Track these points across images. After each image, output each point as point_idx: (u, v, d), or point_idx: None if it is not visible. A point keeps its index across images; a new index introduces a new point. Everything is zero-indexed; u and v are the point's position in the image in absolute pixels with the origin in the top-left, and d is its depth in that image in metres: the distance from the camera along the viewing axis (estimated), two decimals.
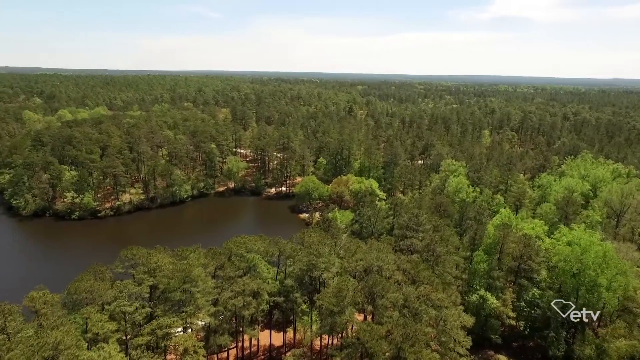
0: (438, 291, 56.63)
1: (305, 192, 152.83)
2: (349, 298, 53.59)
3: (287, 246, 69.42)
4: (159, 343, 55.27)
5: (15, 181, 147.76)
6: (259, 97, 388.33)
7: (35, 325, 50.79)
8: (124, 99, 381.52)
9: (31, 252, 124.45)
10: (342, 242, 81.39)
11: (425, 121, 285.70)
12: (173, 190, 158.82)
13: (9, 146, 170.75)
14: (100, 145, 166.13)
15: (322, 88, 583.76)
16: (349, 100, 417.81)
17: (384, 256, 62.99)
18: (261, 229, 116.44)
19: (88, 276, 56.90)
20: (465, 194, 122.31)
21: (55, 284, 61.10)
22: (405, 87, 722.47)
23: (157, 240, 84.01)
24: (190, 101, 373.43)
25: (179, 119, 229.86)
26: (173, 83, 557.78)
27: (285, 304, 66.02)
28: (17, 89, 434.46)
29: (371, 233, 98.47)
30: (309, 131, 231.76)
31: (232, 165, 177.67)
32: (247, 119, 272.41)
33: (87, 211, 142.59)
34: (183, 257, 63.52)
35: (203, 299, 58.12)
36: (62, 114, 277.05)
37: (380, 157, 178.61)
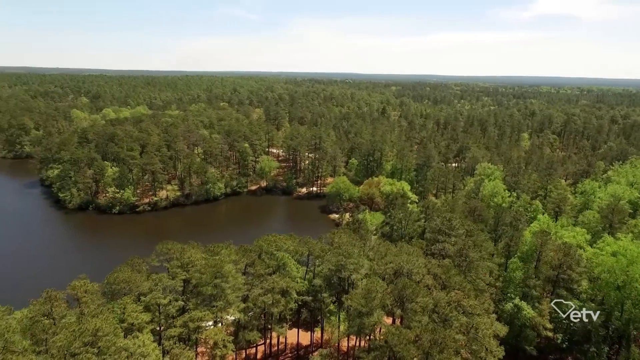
0: (470, 298, 55.05)
1: (336, 192, 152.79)
2: (378, 300, 53.09)
3: (317, 246, 69.66)
4: (190, 335, 56.96)
5: (62, 176, 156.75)
6: (293, 98, 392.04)
7: (78, 312, 53.71)
8: (163, 98, 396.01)
9: (75, 243, 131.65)
10: (371, 243, 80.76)
11: (461, 123, 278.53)
12: (207, 188, 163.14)
13: (58, 143, 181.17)
14: (140, 142, 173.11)
15: (355, 89, 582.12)
16: (383, 101, 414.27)
17: (414, 259, 61.95)
18: (291, 228, 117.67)
19: (126, 268, 59.46)
20: (501, 198, 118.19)
21: (95, 273, 64.28)
22: (440, 88, 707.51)
23: (190, 235, 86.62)
24: (226, 101, 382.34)
25: (214, 119, 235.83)
26: (210, 83, 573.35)
27: (314, 303, 66.27)
28: (67, 89, 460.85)
29: (402, 236, 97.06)
30: (341, 132, 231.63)
31: (264, 165, 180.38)
32: (280, 119, 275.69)
33: (127, 206, 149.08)
34: (215, 253, 65.12)
35: (233, 295, 59.33)
36: (106, 112, 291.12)
37: (413, 159, 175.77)
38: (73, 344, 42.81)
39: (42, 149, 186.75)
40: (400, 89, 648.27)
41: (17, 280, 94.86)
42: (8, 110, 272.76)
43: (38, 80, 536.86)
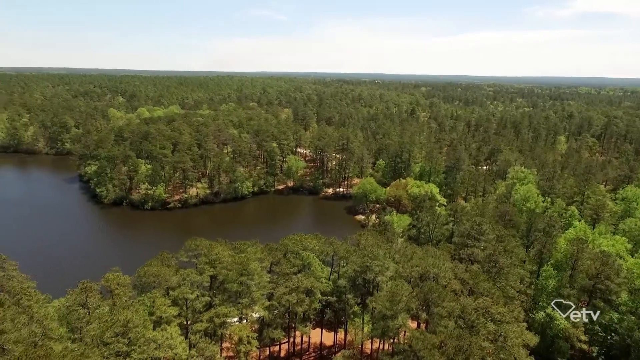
0: (499, 305, 53.38)
1: (363, 193, 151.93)
2: (403, 303, 52.35)
3: (342, 247, 69.50)
4: (216, 330, 58.11)
5: (99, 172, 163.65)
6: (321, 98, 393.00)
7: (110, 304, 55.88)
8: (195, 98, 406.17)
9: (109, 236, 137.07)
10: (398, 246, 79.79)
11: (493, 125, 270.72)
12: (235, 187, 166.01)
13: (96, 140, 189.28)
14: (172, 141, 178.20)
15: (384, 89, 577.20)
16: (412, 102, 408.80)
17: (440, 263, 60.71)
18: (317, 228, 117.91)
19: (156, 262, 61.37)
20: (534, 203, 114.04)
21: (127, 266, 66.63)
22: (472, 89, 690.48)
23: (218, 233, 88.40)
24: (255, 101, 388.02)
25: (243, 118, 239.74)
26: (240, 84, 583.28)
27: (338, 304, 66.15)
28: (105, 89, 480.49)
29: (429, 239, 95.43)
30: (369, 133, 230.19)
31: (291, 164, 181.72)
32: (308, 119, 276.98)
33: (159, 202, 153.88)
34: (241, 251, 66.21)
35: (258, 293, 60.09)
36: (140, 111, 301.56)
37: (442, 161, 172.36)
38: (105, 334, 44.56)
39: (81, 146, 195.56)
40: (430, 89, 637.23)
41: (56, 270, 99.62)
42: (51, 109, 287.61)
43: (79, 81, 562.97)
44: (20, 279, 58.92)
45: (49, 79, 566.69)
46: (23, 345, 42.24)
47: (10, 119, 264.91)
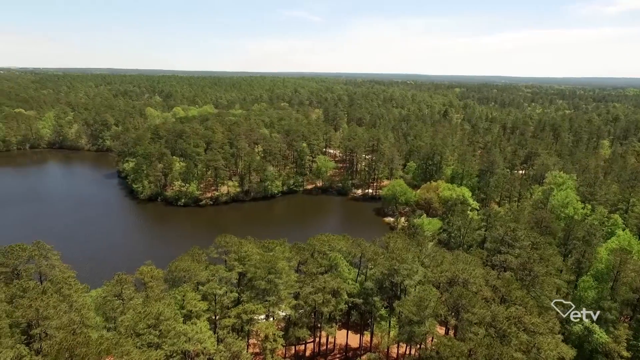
0: (532, 315, 51.29)
1: (392, 195, 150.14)
2: (431, 309, 51.31)
3: (370, 249, 68.94)
4: (243, 327, 59.00)
5: (136, 169, 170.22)
6: (352, 99, 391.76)
7: (144, 296, 57.94)
8: (228, 98, 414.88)
9: (144, 230, 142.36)
10: (427, 250, 78.22)
11: (531, 127, 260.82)
12: (265, 185, 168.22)
13: (133, 138, 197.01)
14: (206, 140, 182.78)
15: (416, 90, 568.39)
16: (445, 103, 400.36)
17: (471, 269, 59.04)
18: (345, 229, 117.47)
19: (187, 257, 63.05)
20: (573, 210, 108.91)
21: (160, 260, 68.92)
22: (509, 90, 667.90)
23: (248, 230, 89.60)
24: (287, 101, 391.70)
25: (275, 118, 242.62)
26: (272, 84, 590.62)
27: (364, 306, 65.62)
28: (143, 88, 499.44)
29: (460, 244, 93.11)
30: (399, 134, 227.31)
31: (321, 165, 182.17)
32: (339, 120, 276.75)
33: (191, 199, 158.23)
34: (270, 249, 66.92)
35: (285, 291, 60.55)
36: (176, 110, 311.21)
37: (476, 164, 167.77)
38: (138, 325, 46.23)
39: (119, 143, 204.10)
40: (465, 90, 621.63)
41: (94, 261, 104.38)
42: (94, 108, 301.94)
43: (119, 81, 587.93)
44: (62, 268, 62.01)
45: (93, 79, 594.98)
46: (64, 331, 44.52)
47: (56, 117, 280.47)
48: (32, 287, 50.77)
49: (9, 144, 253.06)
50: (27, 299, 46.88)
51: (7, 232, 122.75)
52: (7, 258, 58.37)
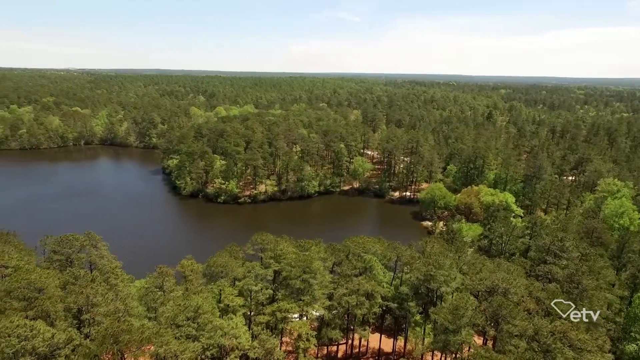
0: (579, 330, 48.31)
1: (431, 199, 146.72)
2: (467, 318, 49.61)
3: (406, 252, 67.76)
4: (277, 324, 59.76)
5: (179, 166, 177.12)
6: (391, 100, 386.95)
7: (183, 289, 60.10)
8: (268, 98, 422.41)
9: (185, 225, 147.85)
10: (466, 256, 75.78)
11: (583, 131, 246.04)
12: (302, 185, 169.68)
13: (178, 136, 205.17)
14: (245, 139, 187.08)
15: (459, 91, 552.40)
16: (489, 105, 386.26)
17: (512, 279, 56.51)
18: (381, 231, 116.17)
19: (224, 253, 64.79)
20: (629, 220, 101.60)
21: (199, 254, 71.20)
22: (559, 91, 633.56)
23: (284, 229, 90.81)
24: (325, 102, 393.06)
25: (313, 119, 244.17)
26: (311, 85, 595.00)
27: (399, 310, 64.54)
28: (188, 88, 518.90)
29: (501, 252, 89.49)
30: (440, 136, 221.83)
31: (358, 166, 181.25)
32: (377, 121, 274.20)
33: (230, 196, 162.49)
34: (305, 249, 67.39)
35: (320, 291, 60.71)
36: (218, 110, 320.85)
37: (521, 169, 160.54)
38: (178, 316, 48.00)
39: (165, 141, 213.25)
40: (511, 92, 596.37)
41: (138, 252, 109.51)
42: (142, 107, 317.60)
43: (166, 81, 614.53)
44: (110, 258, 65.64)
45: (142, 79, 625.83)
46: (110, 319, 47.08)
47: (108, 115, 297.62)
48: (82, 275, 54.05)
49: (66, 140, 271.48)
50: (78, 286, 50.04)
51: (62, 222, 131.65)
52: (62, 247, 62.57)
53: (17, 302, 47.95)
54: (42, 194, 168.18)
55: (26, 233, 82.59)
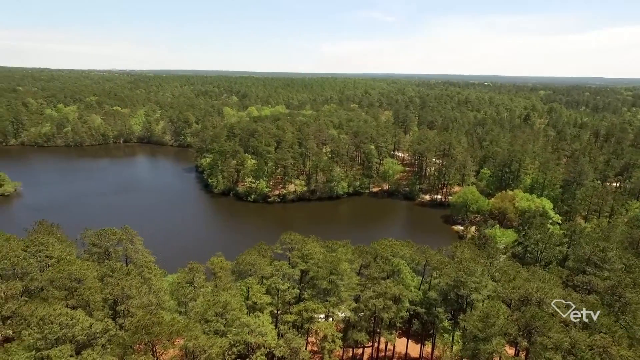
0: (621, 346, 45.67)
1: (463, 203, 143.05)
2: (498, 327, 47.95)
3: (435, 257, 66.41)
4: (303, 324, 60.03)
5: (212, 164, 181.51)
6: (424, 101, 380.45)
7: (213, 285, 61.52)
8: (299, 99, 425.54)
9: (216, 223, 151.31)
10: (499, 263, 73.35)
11: (630, 135, 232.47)
12: (331, 186, 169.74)
13: (211, 135, 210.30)
14: (276, 139, 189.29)
15: (495, 92, 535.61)
16: (527, 106, 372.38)
17: (548, 289, 54.16)
18: (409, 234, 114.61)
19: (253, 252, 65.81)
20: None
21: (229, 252, 72.60)
22: (604, 93, 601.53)
23: (312, 229, 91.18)
24: (356, 102, 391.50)
25: (344, 119, 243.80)
26: (342, 85, 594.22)
27: (427, 316, 63.33)
28: (222, 88, 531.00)
29: (537, 260, 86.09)
30: (474, 139, 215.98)
31: (388, 167, 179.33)
32: (409, 122, 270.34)
33: (260, 195, 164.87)
34: (333, 250, 67.39)
35: (346, 293, 60.50)
36: (250, 110, 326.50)
37: (560, 174, 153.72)
38: (207, 312, 49.20)
39: (198, 140, 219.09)
40: (551, 93, 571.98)
41: (171, 248, 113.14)
42: (178, 106, 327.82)
43: (201, 81, 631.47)
44: (144, 253, 68.18)
45: (178, 80, 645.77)
46: (143, 311, 48.84)
47: (146, 114, 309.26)
48: (119, 268, 56.41)
49: (106, 138, 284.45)
50: (115, 278, 52.26)
51: (101, 216, 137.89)
52: (100, 240, 65.55)
53: (58, 291, 50.65)
54: (84, 190, 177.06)
55: (68, 226, 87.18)
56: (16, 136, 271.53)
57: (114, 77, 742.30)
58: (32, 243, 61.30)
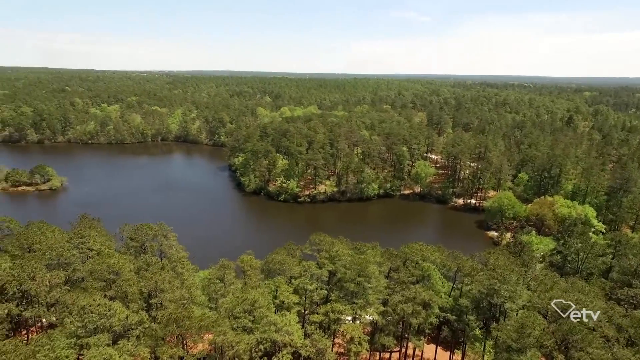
0: None
1: (498, 208, 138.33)
2: (534, 338, 46.01)
3: (467, 263, 64.54)
4: (330, 325, 59.99)
5: (244, 163, 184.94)
6: (459, 102, 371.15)
7: (242, 282, 62.64)
8: (331, 99, 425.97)
9: (247, 221, 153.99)
10: (535, 272, 70.45)
11: None
12: (362, 187, 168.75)
13: (244, 135, 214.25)
14: (308, 139, 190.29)
15: (535, 94, 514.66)
16: (570, 108, 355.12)
17: (589, 301, 51.42)
18: (441, 239, 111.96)
19: (282, 251, 66.45)
20: None
21: (258, 250, 73.73)
22: None
23: (340, 230, 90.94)
24: (389, 103, 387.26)
25: (376, 120, 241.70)
26: (375, 86, 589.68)
27: (457, 323, 61.66)
28: (256, 89, 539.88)
29: (577, 270, 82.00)
30: (511, 142, 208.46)
31: (420, 170, 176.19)
32: (443, 124, 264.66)
33: (291, 195, 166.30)
34: (361, 252, 66.97)
35: (374, 296, 59.93)
36: (283, 110, 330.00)
37: (605, 180, 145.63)
38: (236, 308, 50.14)
39: (232, 139, 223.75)
40: (597, 94, 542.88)
41: (203, 244, 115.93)
42: (213, 106, 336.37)
43: (236, 82, 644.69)
44: (178, 248, 70.40)
45: (214, 80, 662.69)
46: (175, 305, 50.41)
47: (183, 114, 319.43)
48: (154, 262, 58.55)
49: (145, 136, 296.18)
50: (150, 272, 54.27)
51: (138, 211, 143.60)
52: (137, 235, 68.24)
53: (97, 282, 53.15)
54: (123, 186, 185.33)
55: (108, 220, 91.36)
56: (64, 133, 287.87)
57: (154, 77, 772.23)
58: (75, 236, 64.73)
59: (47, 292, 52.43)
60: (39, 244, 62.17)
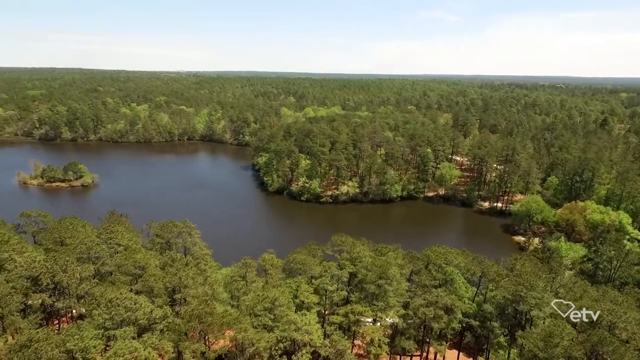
0: None
1: (526, 212, 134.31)
2: (562, 348, 44.43)
3: (492, 268, 63.05)
4: (350, 326, 59.82)
5: (268, 163, 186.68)
6: (486, 103, 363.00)
7: (264, 281, 63.27)
8: (355, 100, 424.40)
9: (269, 220, 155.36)
10: (564, 279, 68.00)
11: None
12: (385, 189, 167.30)
13: (268, 135, 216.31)
14: (331, 140, 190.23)
15: (567, 95, 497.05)
16: (605, 110, 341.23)
17: (622, 312, 49.22)
18: (465, 243, 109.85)
19: (304, 251, 66.73)
20: None
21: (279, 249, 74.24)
22: None
23: (362, 232, 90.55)
24: (414, 104, 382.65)
25: (400, 121, 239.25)
26: (400, 87, 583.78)
27: (481, 329, 60.34)
28: (280, 89, 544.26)
29: (609, 279, 78.75)
30: (541, 144, 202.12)
31: (445, 172, 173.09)
32: (469, 126, 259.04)
33: (313, 195, 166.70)
34: (382, 254, 66.42)
35: (395, 299, 59.37)
36: (307, 111, 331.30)
37: None
38: (257, 306, 50.69)
39: (256, 139, 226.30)
40: (634, 96, 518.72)
41: (225, 242, 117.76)
42: (238, 106, 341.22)
43: (261, 82, 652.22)
44: (201, 246, 71.78)
45: (239, 81, 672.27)
46: (197, 300, 51.41)
47: (209, 113, 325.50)
48: (178, 258, 59.88)
49: (172, 135, 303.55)
50: (174, 268, 55.53)
51: (163, 209, 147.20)
52: (163, 231, 69.99)
53: (124, 276, 54.81)
54: (151, 183, 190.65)
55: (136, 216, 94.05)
56: (95, 132, 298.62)
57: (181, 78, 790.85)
58: (105, 231, 67.02)
59: (78, 284, 54.48)
60: (71, 238, 64.77)
